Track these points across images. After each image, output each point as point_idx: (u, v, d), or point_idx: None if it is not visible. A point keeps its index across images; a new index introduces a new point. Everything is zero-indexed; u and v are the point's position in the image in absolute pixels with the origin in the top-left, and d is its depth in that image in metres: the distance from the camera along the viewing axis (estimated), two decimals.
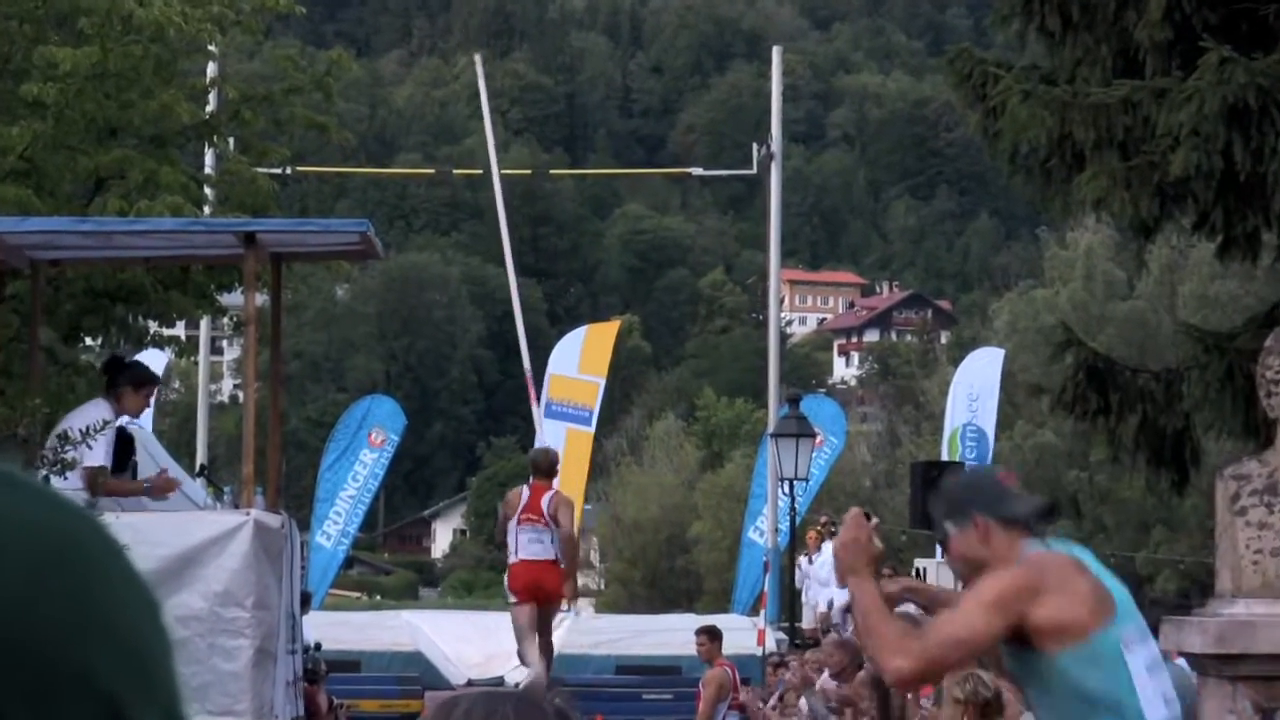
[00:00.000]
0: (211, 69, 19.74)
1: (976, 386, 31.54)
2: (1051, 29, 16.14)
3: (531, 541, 15.18)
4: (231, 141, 17.78)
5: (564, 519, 15.26)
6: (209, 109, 17.45)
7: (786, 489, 24.75)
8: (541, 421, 29.24)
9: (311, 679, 16.51)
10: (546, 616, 15.51)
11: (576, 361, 30.57)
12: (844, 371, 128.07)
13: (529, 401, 30.66)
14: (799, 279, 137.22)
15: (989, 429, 31.40)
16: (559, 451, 29.23)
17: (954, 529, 5.72)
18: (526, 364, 30.99)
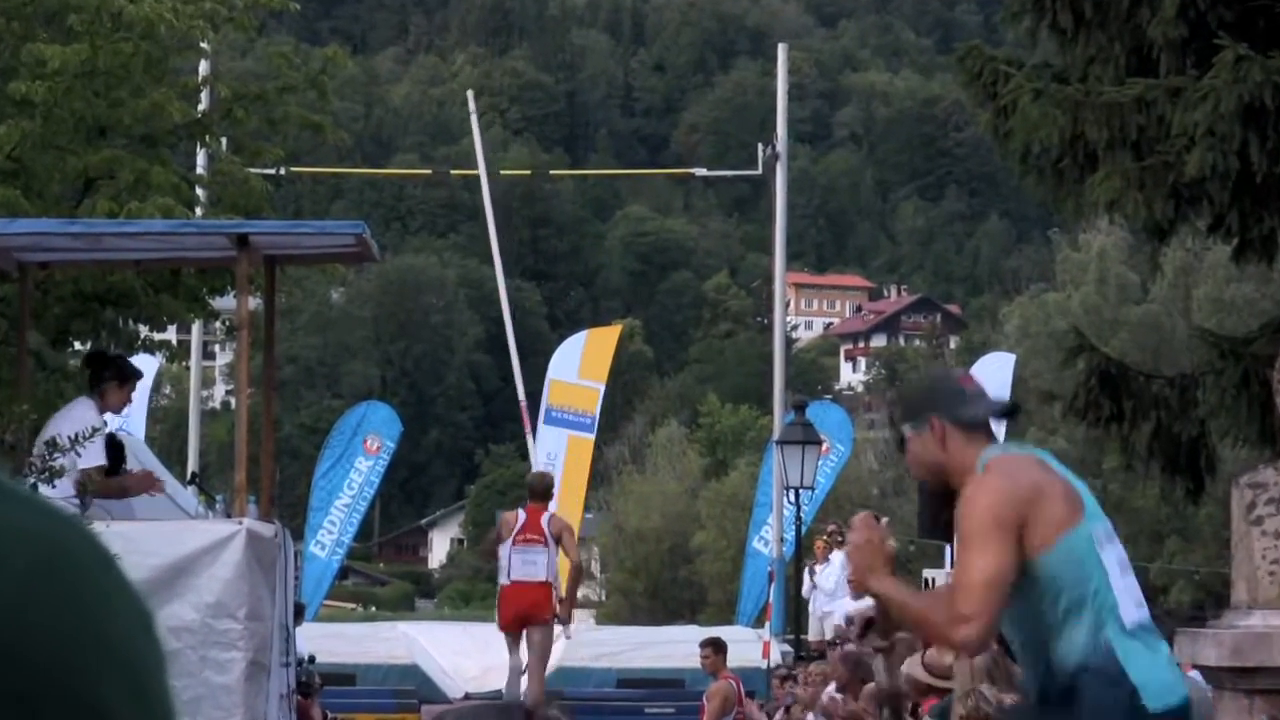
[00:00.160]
0: (203, 67, 19.75)
1: None
2: (1063, 26, 16.15)
3: (525, 563, 15.52)
4: (224, 141, 17.79)
5: (570, 548, 15.77)
6: (201, 108, 17.45)
7: (792, 498, 24.75)
8: (535, 448, 29.49)
9: (305, 692, 16.51)
10: (536, 638, 15.69)
11: (577, 367, 30.57)
12: (851, 377, 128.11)
13: (529, 414, 30.71)
14: (805, 282, 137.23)
15: (999, 436, 31.36)
16: (560, 457, 29.57)
17: (911, 431, 5.69)
18: (521, 395, 31.05)
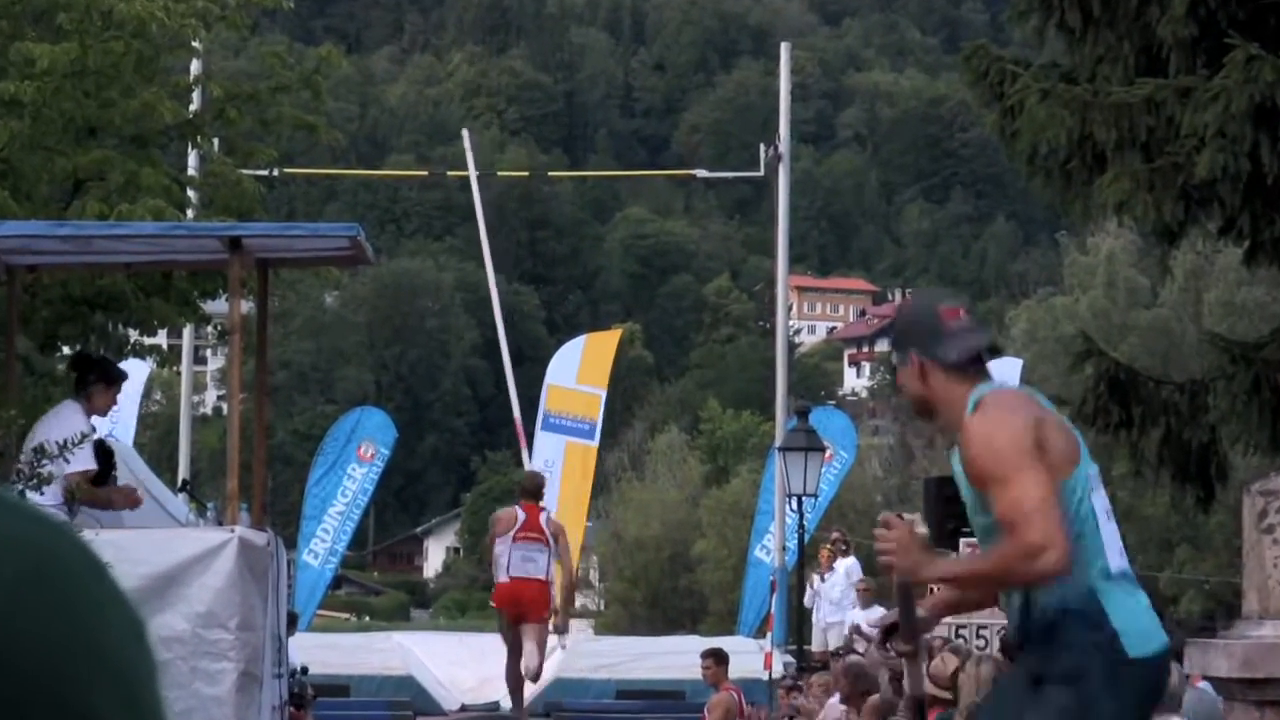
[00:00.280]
0: (195, 66, 19.74)
1: None
2: (1071, 25, 16.16)
3: (525, 560, 16.13)
4: (216, 142, 17.79)
5: (566, 551, 16.42)
6: (193, 108, 17.45)
7: (795, 505, 24.74)
8: (530, 461, 29.66)
9: (298, 704, 16.50)
10: (533, 634, 16.34)
11: (575, 372, 30.55)
12: (855, 382, 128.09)
13: (527, 420, 30.70)
14: (808, 286, 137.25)
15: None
16: (558, 465, 29.55)
17: (897, 362, 5.70)
18: (516, 411, 31.02)
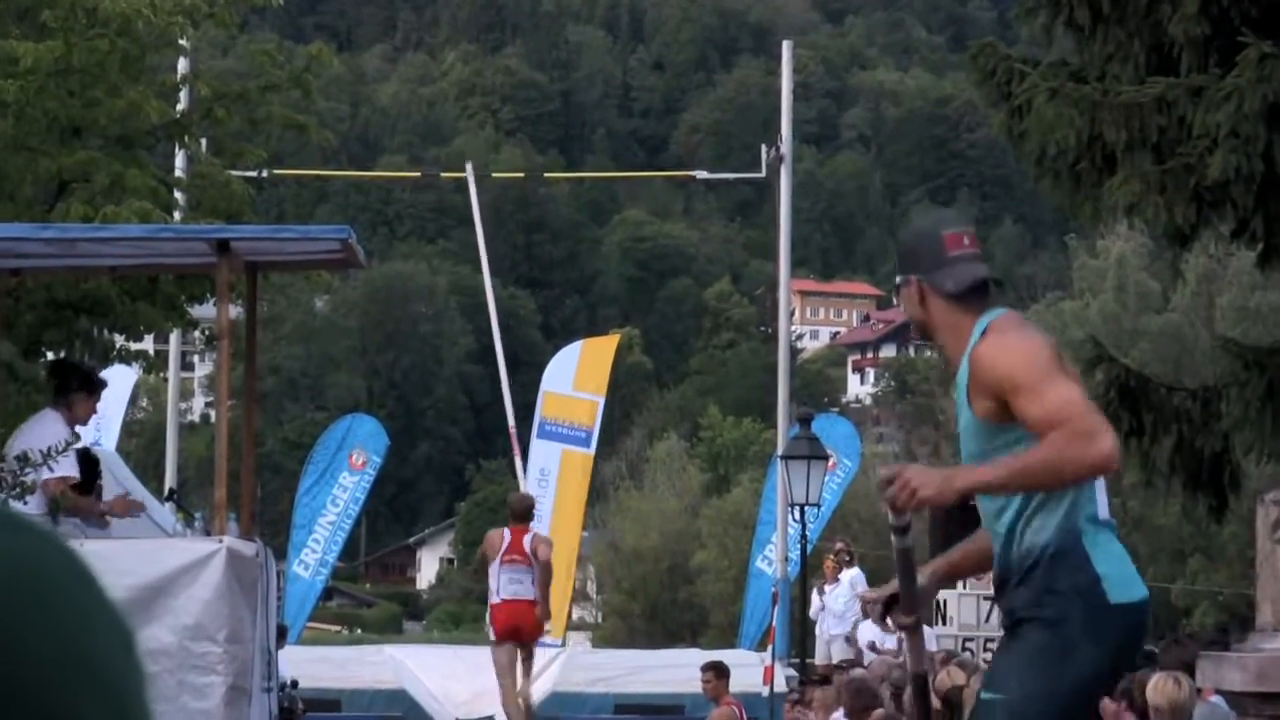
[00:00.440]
0: (183, 65, 19.74)
1: None
2: (1080, 23, 16.18)
3: (512, 582, 17.09)
4: (204, 142, 17.79)
5: (543, 552, 17.21)
6: (180, 108, 17.45)
7: (797, 515, 24.73)
8: (522, 473, 29.70)
9: (288, 718, 16.50)
10: (527, 655, 17.40)
11: (572, 378, 30.54)
12: (859, 389, 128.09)
13: (523, 431, 30.70)
14: (810, 290, 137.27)
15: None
16: (553, 473, 29.55)
17: (900, 282, 5.70)
18: (511, 421, 31.02)
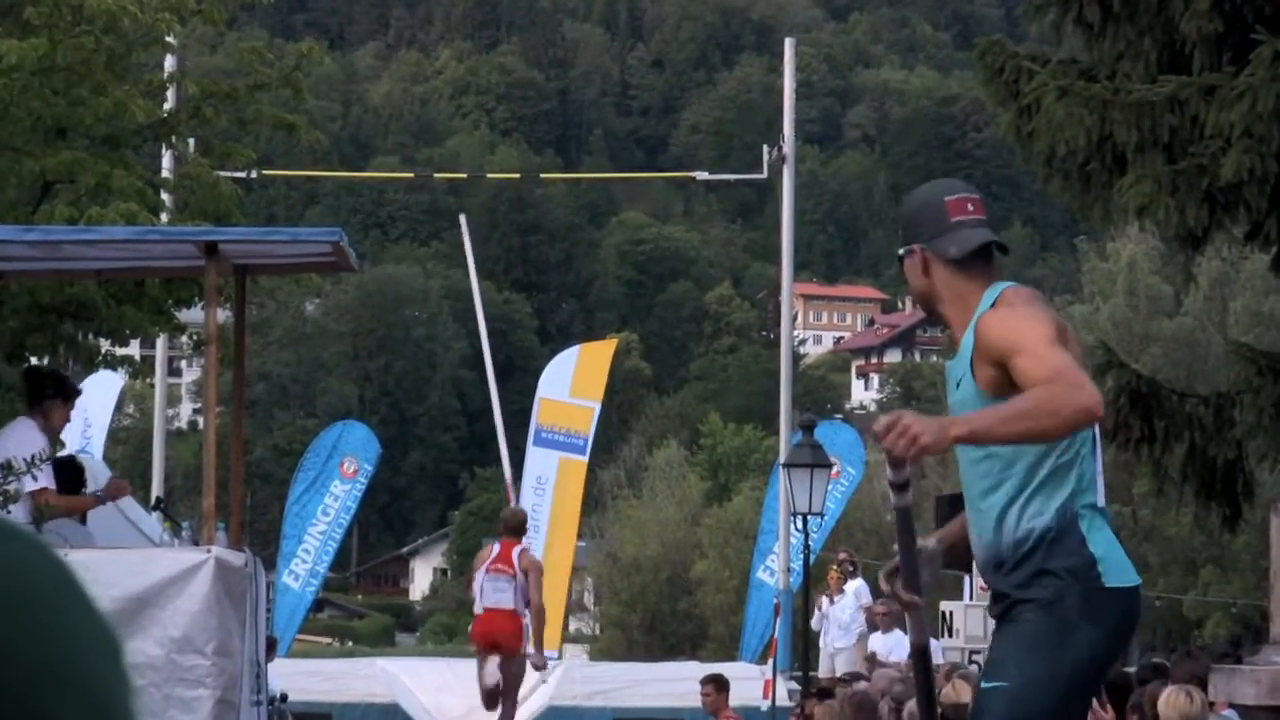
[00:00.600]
0: (170, 63, 19.75)
1: None
2: (1090, 20, 16.19)
3: (496, 590, 17.46)
4: (191, 143, 17.80)
5: (535, 585, 17.53)
6: (167, 107, 17.45)
7: (799, 524, 24.72)
8: (513, 485, 29.88)
9: None
10: (509, 670, 17.50)
11: (569, 384, 30.56)
12: (863, 395, 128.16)
13: (519, 438, 30.77)
14: (814, 293, 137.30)
15: None
16: (550, 481, 29.58)
17: (903, 252, 5.69)
18: (501, 436, 31.07)
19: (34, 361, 15.77)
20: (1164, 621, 47.85)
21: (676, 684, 23.91)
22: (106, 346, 16.60)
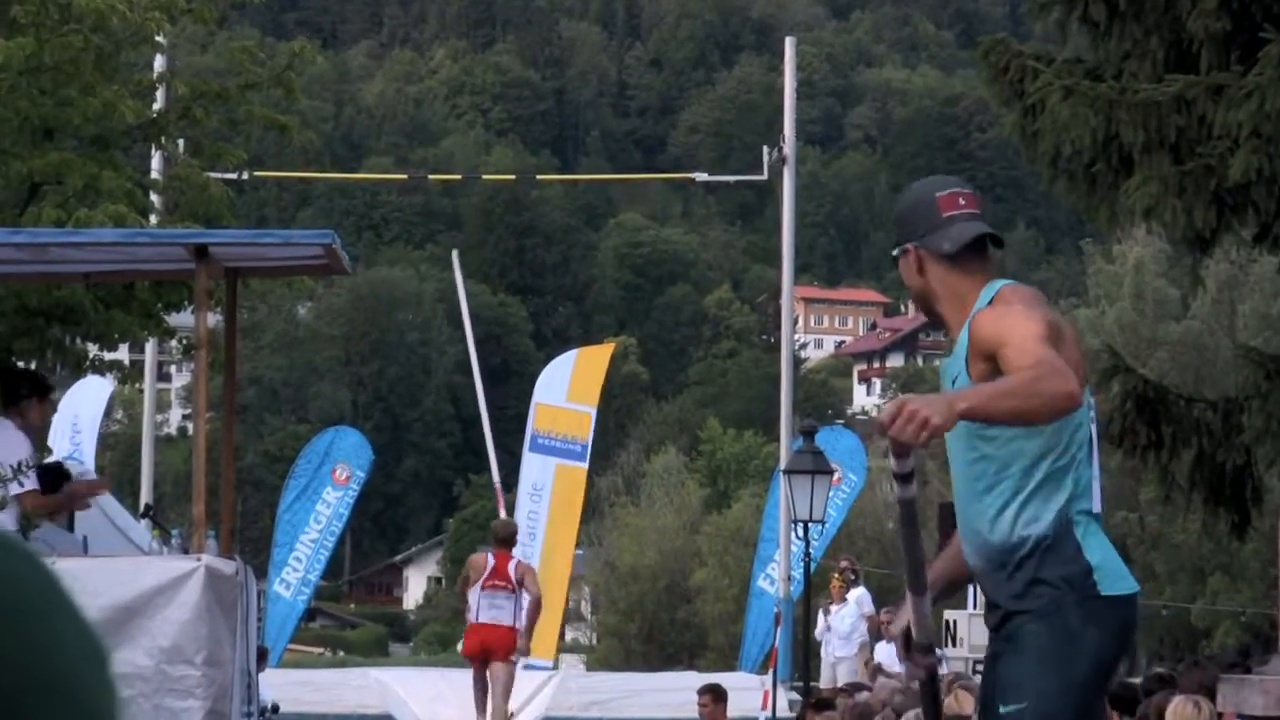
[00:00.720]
0: (159, 62, 19.76)
1: None
2: (1096, 18, 16.19)
3: (492, 607, 17.84)
4: (181, 143, 17.78)
5: (531, 584, 17.94)
6: (156, 107, 17.46)
7: (800, 532, 24.72)
8: (502, 495, 30.12)
9: None
10: (499, 674, 17.99)
11: (565, 389, 30.55)
12: (864, 400, 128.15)
13: (515, 444, 30.77)
14: (815, 297, 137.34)
15: None
16: (547, 488, 29.57)
17: (896, 252, 5.69)
18: (490, 444, 31.06)
19: (21, 366, 15.77)
20: (1171, 630, 47.86)
21: (675, 694, 23.92)
22: (95, 351, 16.60)
